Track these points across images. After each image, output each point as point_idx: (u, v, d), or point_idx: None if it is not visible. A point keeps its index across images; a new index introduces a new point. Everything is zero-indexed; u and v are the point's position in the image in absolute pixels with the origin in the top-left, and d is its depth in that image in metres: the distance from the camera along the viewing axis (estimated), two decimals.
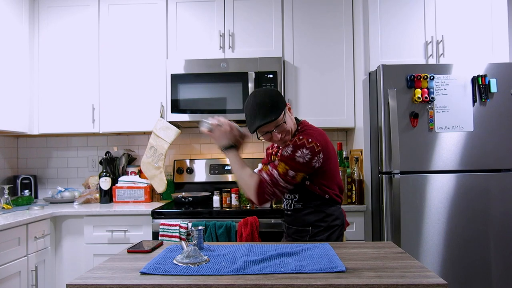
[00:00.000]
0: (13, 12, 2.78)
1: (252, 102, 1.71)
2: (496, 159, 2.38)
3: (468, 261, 2.34)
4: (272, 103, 1.68)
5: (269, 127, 1.70)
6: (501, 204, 2.36)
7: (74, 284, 1.11)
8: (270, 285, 1.08)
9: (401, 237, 2.32)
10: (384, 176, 2.39)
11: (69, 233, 2.63)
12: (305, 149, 1.66)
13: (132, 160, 3.24)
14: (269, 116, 1.66)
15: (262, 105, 1.67)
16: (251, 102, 1.71)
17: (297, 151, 1.66)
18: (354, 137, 2.90)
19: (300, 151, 1.66)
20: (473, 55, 2.61)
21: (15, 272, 2.22)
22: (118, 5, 2.96)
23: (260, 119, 1.67)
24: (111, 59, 2.95)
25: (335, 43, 2.89)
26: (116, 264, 1.31)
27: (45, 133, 2.99)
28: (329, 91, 2.88)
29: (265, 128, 1.70)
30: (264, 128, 1.71)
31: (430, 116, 2.39)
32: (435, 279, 1.09)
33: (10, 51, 2.75)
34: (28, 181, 3.11)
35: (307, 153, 1.66)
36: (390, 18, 2.64)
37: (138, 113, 2.92)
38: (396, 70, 2.41)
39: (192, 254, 1.28)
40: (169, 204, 2.84)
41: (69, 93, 2.96)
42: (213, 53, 2.90)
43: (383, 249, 1.45)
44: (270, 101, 1.68)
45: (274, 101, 1.69)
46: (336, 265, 1.21)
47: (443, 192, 2.37)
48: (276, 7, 2.91)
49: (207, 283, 1.09)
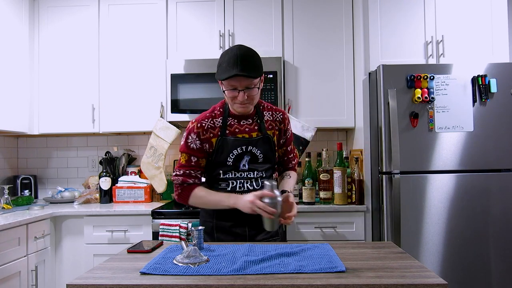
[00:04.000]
0: (13, 12, 2.78)
1: (235, 51, 1.57)
2: (496, 159, 2.38)
3: (468, 261, 2.34)
4: (256, 61, 1.60)
5: (241, 83, 1.57)
6: (501, 204, 2.36)
7: (74, 284, 1.11)
8: (270, 285, 1.08)
9: (401, 237, 2.32)
10: (384, 176, 2.39)
11: (69, 233, 2.63)
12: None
13: (132, 160, 3.24)
14: (250, 71, 1.55)
15: (246, 58, 1.56)
16: (234, 51, 1.57)
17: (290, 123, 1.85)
18: (354, 137, 2.90)
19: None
20: (473, 55, 2.61)
21: (15, 272, 2.22)
22: (118, 5, 2.96)
23: (239, 69, 1.53)
24: (111, 59, 2.95)
25: (335, 43, 2.89)
26: (116, 264, 1.31)
27: (45, 133, 2.99)
28: (329, 91, 2.88)
29: (238, 82, 1.56)
30: (236, 82, 1.57)
31: (430, 116, 2.39)
32: (435, 279, 1.09)
33: (10, 51, 2.75)
34: (28, 181, 3.11)
35: None
36: (390, 18, 2.64)
37: (138, 113, 2.92)
38: (396, 70, 2.41)
39: (192, 254, 1.28)
40: (169, 204, 2.84)
41: (69, 93, 2.96)
42: (213, 53, 2.90)
43: (383, 249, 1.45)
44: (255, 59, 1.59)
45: (258, 61, 1.61)
46: (336, 265, 1.21)
47: (443, 192, 2.37)
48: (276, 7, 2.90)
49: (207, 283, 1.09)
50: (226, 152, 1.67)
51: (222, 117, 1.70)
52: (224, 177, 1.70)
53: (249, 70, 1.55)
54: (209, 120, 1.70)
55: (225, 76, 1.56)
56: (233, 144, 1.68)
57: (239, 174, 1.70)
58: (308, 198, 2.61)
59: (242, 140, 1.69)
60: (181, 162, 1.71)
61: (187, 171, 1.70)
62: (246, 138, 1.69)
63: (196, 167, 1.70)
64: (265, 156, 1.72)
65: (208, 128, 1.69)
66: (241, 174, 1.70)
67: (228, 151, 1.67)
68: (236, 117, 1.71)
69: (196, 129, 1.68)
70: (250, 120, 1.72)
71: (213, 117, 1.71)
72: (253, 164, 1.70)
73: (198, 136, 1.68)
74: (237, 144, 1.68)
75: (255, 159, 1.70)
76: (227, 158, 1.68)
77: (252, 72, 1.56)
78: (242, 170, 1.69)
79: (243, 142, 1.68)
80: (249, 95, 1.60)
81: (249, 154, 1.69)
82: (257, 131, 1.71)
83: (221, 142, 1.67)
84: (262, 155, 1.71)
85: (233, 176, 1.70)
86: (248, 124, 1.71)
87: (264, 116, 1.75)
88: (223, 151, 1.68)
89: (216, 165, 1.71)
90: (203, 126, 1.69)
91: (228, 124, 1.70)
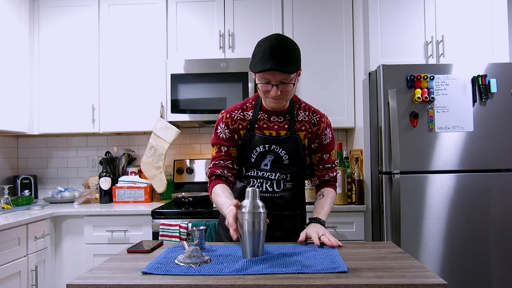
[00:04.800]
0: (13, 12, 2.78)
1: (272, 42, 1.45)
2: (496, 159, 2.38)
3: (468, 261, 2.34)
4: (295, 56, 1.48)
5: (275, 77, 1.46)
6: (501, 204, 2.36)
7: (74, 284, 1.11)
8: (270, 285, 1.08)
9: (401, 237, 2.32)
10: (384, 176, 2.39)
11: (69, 233, 2.63)
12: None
13: (132, 160, 3.24)
14: (286, 66, 1.43)
15: (282, 50, 1.44)
16: (271, 41, 1.46)
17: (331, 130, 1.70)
18: (354, 137, 2.90)
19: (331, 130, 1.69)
20: (473, 55, 2.61)
21: (15, 272, 2.23)
22: (118, 5, 2.96)
23: (274, 63, 1.42)
24: (111, 59, 2.95)
25: (335, 43, 2.89)
26: (116, 264, 1.31)
27: (45, 133, 2.99)
28: (329, 91, 2.88)
29: (272, 76, 1.46)
30: (270, 76, 1.46)
31: (430, 116, 2.39)
32: (435, 279, 1.09)
33: (10, 51, 2.75)
34: (28, 181, 3.11)
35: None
36: (390, 18, 2.64)
37: (138, 113, 2.92)
38: (396, 70, 2.41)
39: (193, 254, 1.28)
40: (169, 204, 2.84)
41: (69, 93, 2.96)
42: (213, 53, 2.90)
43: (383, 249, 1.45)
44: (292, 52, 1.47)
45: (296, 54, 1.49)
46: (339, 265, 1.20)
47: (443, 192, 2.37)
48: (276, 7, 2.90)
49: (207, 283, 1.09)
50: (251, 148, 1.61)
51: (253, 111, 1.63)
52: (246, 174, 1.65)
53: (284, 65, 1.43)
54: (239, 112, 1.64)
55: (258, 69, 1.45)
56: (258, 140, 1.60)
57: (261, 174, 1.62)
58: (308, 198, 2.60)
59: (267, 137, 1.60)
60: (212, 155, 1.66)
61: (216, 161, 1.62)
62: (273, 136, 1.61)
63: (226, 156, 1.62)
64: (290, 158, 1.61)
65: (237, 119, 1.63)
66: (263, 174, 1.62)
67: (253, 147, 1.61)
68: (267, 112, 1.62)
69: (225, 119, 1.63)
70: (281, 117, 1.63)
71: (243, 109, 1.65)
72: (276, 164, 1.61)
73: (227, 126, 1.62)
74: (262, 141, 1.60)
75: (279, 160, 1.61)
76: (251, 154, 1.61)
77: (288, 67, 1.44)
78: (263, 170, 1.61)
79: (267, 140, 1.60)
80: (283, 91, 1.50)
81: (272, 153, 1.60)
82: (286, 130, 1.61)
83: (248, 136, 1.61)
84: (287, 156, 1.61)
85: (255, 175, 1.63)
86: (278, 121, 1.62)
87: (299, 115, 1.64)
88: (249, 146, 1.61)
89: (240, 159, 1.65)
90: (233, 116, 1.63)
91: (258, 119, 1.62)
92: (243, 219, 1.28)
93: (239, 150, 1.64)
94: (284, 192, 1.63)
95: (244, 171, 1.65)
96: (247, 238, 1.28)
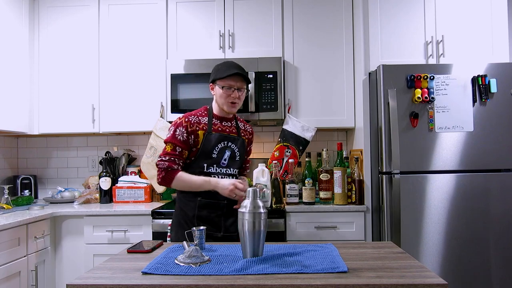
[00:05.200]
0: (13, 12, 2.78)
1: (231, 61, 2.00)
2: (496, 159, 2.38)
3: (468, 261, 2.34)
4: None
5: (237, 83, 1.91)
6: (501, 204, 2.36)
7: (74, 284, 1.11)
8: (270, 285, 1.08)
9: (401, 237, 2.32)
10: (384, 176, 2.39)
11: (69, 233, 2.63)
12: None
13: (132, 160, 3.24)
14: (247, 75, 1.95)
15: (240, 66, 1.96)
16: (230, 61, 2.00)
17: None
18: (354, 137, 2.90)
19: None
20: (473, 55, 2.61)
21: (15, 272, 2.23)
22: (118, 5, 2.96)
23: (240, 70, 1.91)
24: (111, 59, 2.95)
25: (335, 43, 2.89)
26: (116, 264, 1.31)
27: (45, 133, 2.99)
28: (329, 91, 2.88)
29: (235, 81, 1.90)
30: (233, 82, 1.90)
31: (430, 116, 2.39)
32: (435, 279, 1.09)
33: (10, 51, 2.75)
34: (28, 181, 3.11)
35: None
36: (390, 18, 2.64)
37: (138, 113, 2.92)
38: (396, 70, 2.41)
39: (193, 254, 1.28)
40: (169, 204, 2.84)
41: (69, 93, 2.96)
42: (213, 53, 2.90)
43: (383, 249, 1.45)
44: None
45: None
46: (339, 266, 1.20)
47: (443, 192, 2.37)
48: (276, 7, 2.90)
49: (207, 283, 1.09)
50: (212, 145, 1.92)
51: (207, 117, 1.98)
52: (207, 171, 1.92)
53: (246, 74, 1.95)
54: (195, 117, 1.96)
55: (226, 74, 1.89)
56: (219, 138, 1.94)
57: (220, 170, 1.94)
58: (308, 198, 2.61)
59: (226, 136, 1.97)
60: (166, 150, 1.91)
61: (172, 158, 1.90)
62: (230, 135, 1.99)
63: (180, 157, 1.91)
64: (240, 154, 2.01)
65: (194, 122, 1.94)
66: (221, 170, 1.94)
67: (214, 143, 1.92)
68: (218, 118, 2.00)
69: (184, 123, 1.92)
70: (229, 123, 2.02)
71: (198, 115, 1.98)
72: (231, 161, 1.97)
73: (186, 129, 1.91)
74: (222, 138, 1.95)
75: (233, 156, 1.98)
76: (213, 150, 1.92)
77: (247, 76, 1.94)
78: (222, 166, 1.94)
79: (226, 138, 1.96)
80: (240, 96, 1.95)
81: (229, 149, 1.96)
82: (235, 133, 2.02)
83: (209, 136, 1.93)
84: (238, 153, 2.00)
85: (215, 171, 1.93)
86: (228, 125, 2.01)
87: (239, 125, 2.08)
88: (210, 143, 1.92)
89: (201, 157, 1.92)
90: (190, 120, 1.93)
91: (213, 123, 1.97)
92: (243, 219, 1.28)
93: (200, 148, 1.92)
94: None
95: (205, 168, 1.93)
96: (247, 238, 1.28)
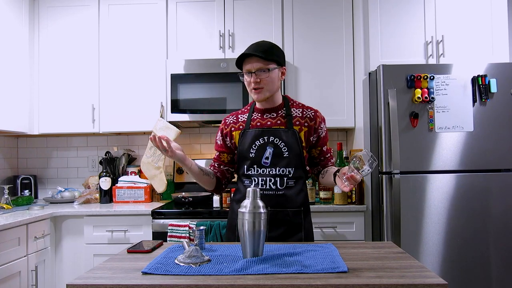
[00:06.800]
0: (13, 12, 2.78)
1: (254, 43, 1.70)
2: (496, 159, 2.38)
3: (468, 261, 2.34)
4: (272, 48, 1.68)
5: (253, 65, 1.63)
6: (501, 204, 2.36)
7: (74, 284, 1.11)
8: (269, 285, 1.08)
9: (401, 237, 2.32)
10: (384, 176, 2.39)
11: (69, 233, 2.63)
12: None
13: (132, 160, 3.24)
14: (261, 52, 1.62)
15: (261, 44, 1.67)
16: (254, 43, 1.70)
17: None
18: (354, 137, 2.90)
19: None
20: (473, 55, 2.61)
21: (15, 272, 2.22)
22: (118, 5, 2.96)
23: (250, 50, 1.64)
24: (111, 59, 2.95)
25: (335, 43, 2.89)
26: (116, 264, 1.31)
27: (45, 133, 2.99)
28: (329, 91, 2.88)
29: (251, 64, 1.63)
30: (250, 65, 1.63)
31: (430, 116, 2.39)
32: (435, 279, 1.09)
33: (10, 51, 2.75)
34: (28, 181, 3.11)
35: None
36: (390, 18, 2.64)
37: (138, 113, 2.92)
38: (396, 70, 2.41)
39: (193, 254, 1.28)
40: (169, 204, 2.84)
41: (69, 93, 2.96)
42: (213, 53, 2.90)
43: (383, 249, 1.45)
44: (271, 46, 1.68)
45: (275, 50, 1.69)
46: (339, 266, 1.20)
47: (443, 192, 2.37)
48: (276, 7, 2.90)
49: (207, 283, 1.09)
50: (249, 143, 1.69)
51: (248, 113, 1.77)
52: (247, 173, 1.71)
53: (260, 51, 1.62)
54: (233, 117, 1.80)
55: (239, 59, 1.66)
56: (254, 134, 1.70)
57: (262, 171, 1.68)
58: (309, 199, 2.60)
59: (265, 130, 1.69)
60: None
61: (213, 162, 1.85)
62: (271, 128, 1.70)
63: (217, 160, 1.83)
64: (289, 149, 1.67)
65: (230, 123, 1.78)
66: (264, 171, 1.68)
67: (251, 141, 1.69)
68: (260, 111, 1.75)
69: (221, 125, 1.82)
70: (274, 113, 1.73)
71: (239, 113, 1.80)
72: (276, 158, 1.67)
73: (221, 132, 1.80)
74: (260, 134, 1.69)
75: (279, 153, 1.67)
76: (250, 149, 1.69)
77: (261, 53, 1.61)
78: (264, 166, 1.67)
79: (266, 133, 1.69)
80: (261, 78, 1.63)
81: (272, 145, 1.67)
82: (280, 125, 1.70)
83: (244, 134, 1.72)
84: (286, 148, 1.67)
85: (256, 173, 1.69)
86: (271, 118, 1.72)
87: (292, 112, 1.73)
88: (246, 141, 1.71)
89: (240, 159, 1.74)
90: (226, 122, 1.80)
91: (252, 119, 1.75)
92: (243, 219, 1.28)
93: (238, 149, 1.74)
94: (287, 190, 1.68)
95: (246, 170, 1.72)
96: (247, 238, 1.28)
